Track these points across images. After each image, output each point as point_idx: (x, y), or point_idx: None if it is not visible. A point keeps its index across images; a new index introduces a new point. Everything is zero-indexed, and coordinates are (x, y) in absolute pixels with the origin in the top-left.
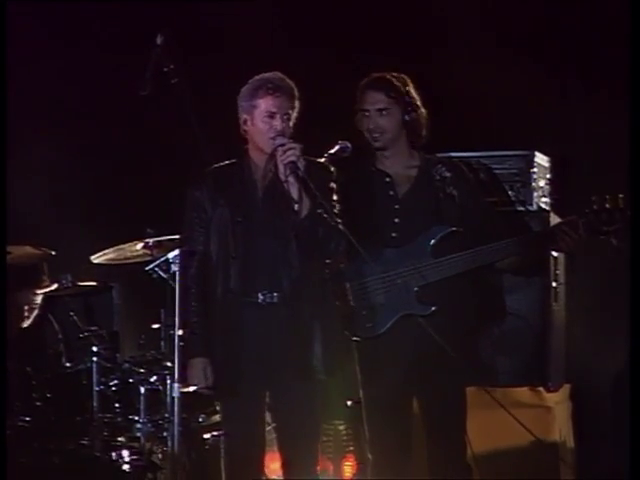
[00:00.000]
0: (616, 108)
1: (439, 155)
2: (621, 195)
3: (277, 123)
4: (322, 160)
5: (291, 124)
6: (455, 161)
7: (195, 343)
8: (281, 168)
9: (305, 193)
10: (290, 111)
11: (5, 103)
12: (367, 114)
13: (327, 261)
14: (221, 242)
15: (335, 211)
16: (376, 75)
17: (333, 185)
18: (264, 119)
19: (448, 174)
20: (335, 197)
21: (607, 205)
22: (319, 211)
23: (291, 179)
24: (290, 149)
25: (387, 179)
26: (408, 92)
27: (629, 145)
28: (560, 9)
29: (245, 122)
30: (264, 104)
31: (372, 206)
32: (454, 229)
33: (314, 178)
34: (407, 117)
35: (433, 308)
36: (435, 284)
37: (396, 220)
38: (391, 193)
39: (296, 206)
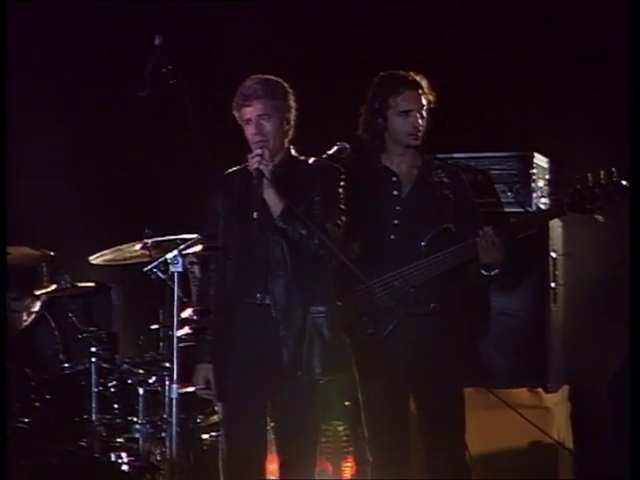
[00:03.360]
0: (616, 108)
1: (439, 156)
2: (602, 171)
3: (251, 129)
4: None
5: (278, 123)
6: (453, 167)
7: (204, 348)
8: (254, 175)
9: (276, 195)
10: (271, 113)
11: (5, 103)
12: (408, 114)
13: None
14: (222, 244)
15: (341, 206)
16: (403, 74)
17: (342, 184)
18: (245, 127)
19: (446, 180)
20: (343, 197)
21: (589, 183)
22: (294, 211)
23: (261, 183)
24: (254, 156)
25: (393, 178)
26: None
27: (629, 146)
28: (560, 9)
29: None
30: (240, 115)
31: (375, 207)
32: (445, 226)
33: (323, 179)
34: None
35: (432, 305)
36: (431, 282)
37: (396, 222)
38: (395, 193)
39: (272, 208)
